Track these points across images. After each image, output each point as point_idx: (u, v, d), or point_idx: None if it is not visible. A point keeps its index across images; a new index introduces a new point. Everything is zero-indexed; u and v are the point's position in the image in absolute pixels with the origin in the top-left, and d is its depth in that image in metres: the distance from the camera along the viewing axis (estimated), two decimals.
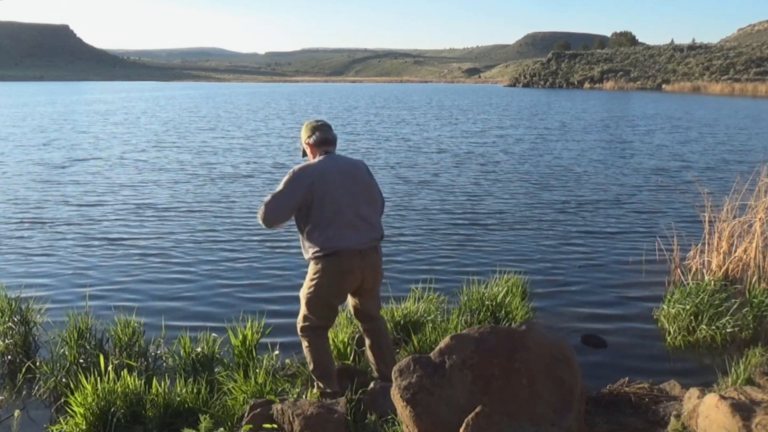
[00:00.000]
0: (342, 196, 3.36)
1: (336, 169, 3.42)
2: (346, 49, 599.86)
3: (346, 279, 3.42)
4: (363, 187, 3.49)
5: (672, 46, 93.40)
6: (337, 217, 3.33)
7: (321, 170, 3.38)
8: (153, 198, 10.61)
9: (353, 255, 3.36)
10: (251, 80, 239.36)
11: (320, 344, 3.56)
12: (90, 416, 3.34)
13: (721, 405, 2.74)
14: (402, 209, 9.76)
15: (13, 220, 8.89)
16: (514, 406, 2.64)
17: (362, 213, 3.43)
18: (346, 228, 3.35)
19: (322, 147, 3.50)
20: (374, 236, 3.48)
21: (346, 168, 3.47)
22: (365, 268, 3.43)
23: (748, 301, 5.17)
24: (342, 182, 3.39)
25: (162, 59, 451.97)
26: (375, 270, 3.53)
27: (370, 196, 3.53)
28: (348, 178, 3.43)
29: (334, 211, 3.33)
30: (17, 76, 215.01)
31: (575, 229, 8.55)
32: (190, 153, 16.75)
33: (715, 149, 17.80)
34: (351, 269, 3.38)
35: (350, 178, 3.44)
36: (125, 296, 5.88)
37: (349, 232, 3.35)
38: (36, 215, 9.22)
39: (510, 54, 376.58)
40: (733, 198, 6.22)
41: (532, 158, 15.89)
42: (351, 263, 3.37)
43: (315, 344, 3.53)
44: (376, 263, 3.52)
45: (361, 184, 3.48)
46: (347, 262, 3.36)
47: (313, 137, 3.50)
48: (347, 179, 3.42)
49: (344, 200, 3.36)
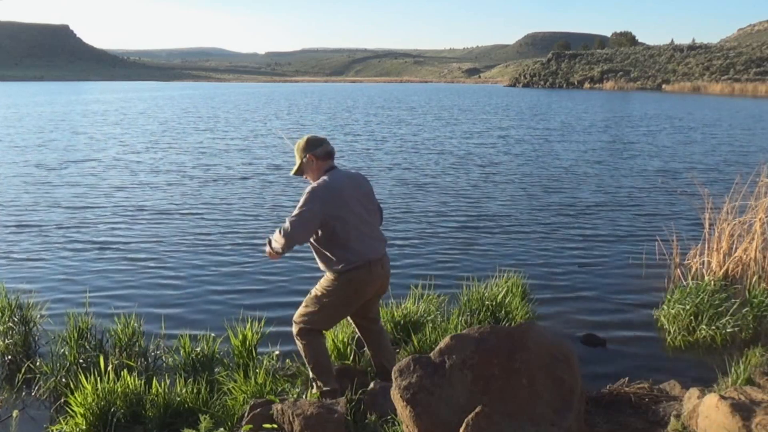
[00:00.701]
0: (361, 210, 3.47)
1: (349, 183, 3.51)
2: (346, 49, 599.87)
3: (368, 289, 3.52)
4: (370, 199, 3.62)
5: (672, 46, 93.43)
6: (361, 229, 3.44)
7: (339, 186, 3.43)
8: (152, 199, 10.62)
9: (377, 265, 3.48)
10: (251, 80, 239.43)
11: (319, 343, 3.57)
12: (90, 416, 3.34)
13: (721, 405, 2.74)
14: (402, 209, 9.76)
15: (13, 221, 8.89)
16: (514, 406, 2.64)
17: (374, 223, 3.59)
18: (369, 239, 3.47)
19: (327, 160, 3.53)
20: (384, 245, 3.62)
21: (355, 181, 3.57)
22: (383, 276, 3.57)
23: (748, 301, 5.17)
24: (357, 196, 3.49)
25: (162, 59, 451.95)
26: (386, 278, 3.64)
27: (373, 205, 3.65)
28: (359, 191, 3.53)
29: (356, 224, 3.42)
30: (17, 76, 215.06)
31: (575, 229, 8.55)
32: (189, 154, 16.77)
33: (716, 150, 17.81)
34: (375, 279, 3.51)
35: (361, 191, 3.55)
36: (125, 296, 5.88)
37: (372, 243, 3.49)
38: (36, 215, 9.23)
39: (510, 54, 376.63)
40: (733, 198, 6.22)
41: (532, 159, 15.90)
42: (377, 273, 3.49)
43: (314, 344, 3.54)
44: (388, 272, 3.64)
45: (368, 196, 3.61)
46: (375, 273, 3.47)
47: (319, 149, 3.49)
48: (359, 192, 3.53)
49: (363, 213, 3.48)
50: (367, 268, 3.42)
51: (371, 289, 3.53)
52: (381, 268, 3.51)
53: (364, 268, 3.41)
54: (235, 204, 10.17)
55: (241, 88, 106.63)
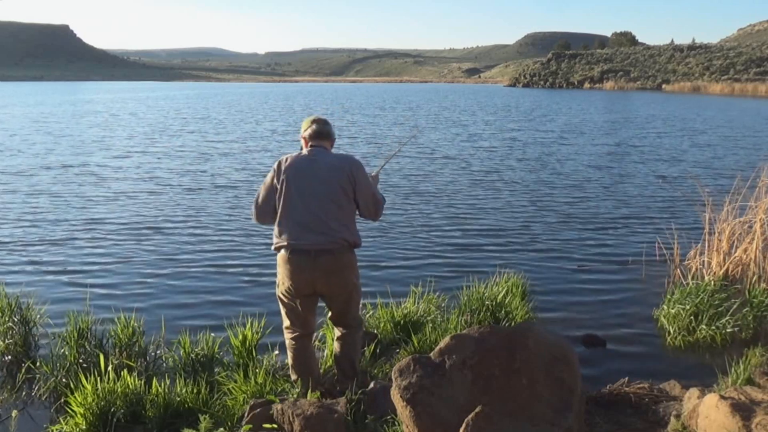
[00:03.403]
0: (304, 193, 3.31)
1: (308, 164, 3.38)
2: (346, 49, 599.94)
3: (293, 278, 3.34)
4: (331, 188, 3.32)
5: (672, 46, 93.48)
6: (294, 212, 3.31)
7: (292, 163, 3.40)
8: (152, 199, 10.62)
9: (301, 254, 3.29)
10: (251, 80, 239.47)
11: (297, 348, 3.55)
12: (90, 416, 3.34)
13: (721, 405, 2.74)
14: (402, 209, 9.76)
15: (12, 220, 8.89)
16: (514, 406, 2.64)
17: (320, 213, 3.29)
18: (297, 226, 3.30)
19: (313, 140, 3.51)
20: (330, 239, 3.28)
21: (320, 165, 3.38)
22: (315, 271, 3.30)
23: (748, 301, 5.16)
24: (309, 178, 3.34)
25: (162, 59, 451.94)
26: (329, 276, 3.34)
27: (337, 197, 3.33)
28: (316, 175, 3.34)
29: (292, 206, 3.32)
30: (17, 76, 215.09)
31: (575, 229, 8.55)
32: (187, 158, 16.75)
33: (717, 150, 17.80)
34: (299, 269, 3.31)
35: (319, 176, 3.34)
36: (125, 296, 5.88)
37: (304, 232, 3.28)
38: (35, 215, 9.22)
39: (510, 54, 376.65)
40: (733, 198, 6.22)
41: (533, 159, 15.89)
42: (298, 262, 3.30)
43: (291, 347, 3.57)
44: (330, 269, 3.32)
45: (330, 185, 3.33)
46: (294, 260, 3.30)
47: (308, 131, 3.53)
48: (315, 176, 3.34)
49: (305, 197, 3.31)
50: (286, 252, 3.31)
51: (300, 279, 3.32)
52: (310, 261, 3.27)
53: (284, 252, 3.33)
54: (235, 204, 10.17)
55: (240, 89, 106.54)
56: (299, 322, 3.51)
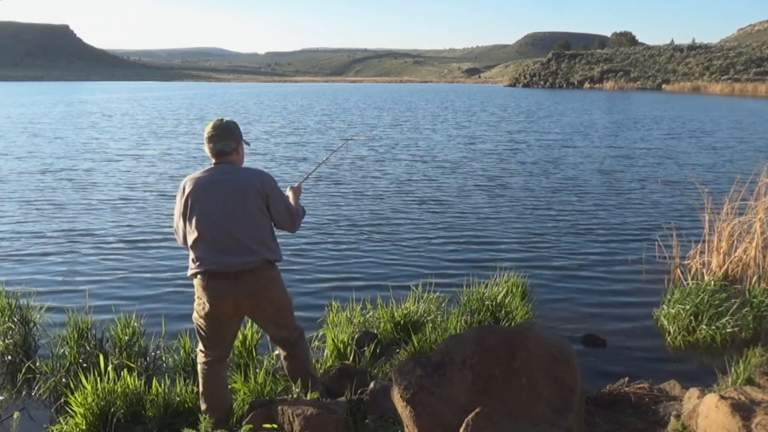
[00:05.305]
0: (214, 214, 3.08)
1: (215, 185, 3.12)
2: (346, 49, 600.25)
3: (214, 303, 3.10)
4: (245, 206, 3.10)
5: (672, 46, 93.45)
6: (206, 235, 3.07)
7: (197, 185, 3.12)
8: (152, 199, 10.62)
9: (219, 278, 3.07)
10: (251, 80, 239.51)
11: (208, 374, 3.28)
12: (90, 416, 3.34)
13: (721, 405, 2.74)
14: (402, 209, 9.76)
15: (12, 222, 8.89)
16: (514, 406, 2.64)
17: (235, 234, 3.07)
18: (211, 249, 3.06)
19: (216, 158, 3.21)
20: (248, 259, 3.07)
21: (228, 183, 3.13)
22: (237, 294, 3.09)
23: (748, 301, 5.16)
24: (218, 199, 3.09)
25: (162, 59, 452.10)
26: (252, 296, 3.13)
27: (251, 215, 3.11)
28: (227, 195, 3.10)
29: (204, 229, 3.07)
30: (17, 76, 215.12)
31: (575, 230, 8.54)
32: (184, 157, 16.75)
33: (716, 150, 17.80)
34: (219, 294, 3.08)
35: (229, 195, 3.10)
36: (125, 296, 5.88)
37: (213, 253, 3.06)
38: (35, 215, 9.23)
39: (510, 54, 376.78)
40: (733, 198, 6.22)
41: (533, 160, 15.90)
42: (218, 287, 3.07)
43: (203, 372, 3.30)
44: (252, 289, 3.11)
45: (242, 203, 3.10)
46: (213, 286, 3.08)
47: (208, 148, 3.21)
48: (225, 196, 3.10)
49: (217, 219, 3.07)
50: (204, 278, 3.07)
51: (220, 303, 3.09)
52: (231, 284, 3.06)
53: (202, 278, 3.08)
54: None
55: (240, 89, 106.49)
56: (218, 345, 3.28)
